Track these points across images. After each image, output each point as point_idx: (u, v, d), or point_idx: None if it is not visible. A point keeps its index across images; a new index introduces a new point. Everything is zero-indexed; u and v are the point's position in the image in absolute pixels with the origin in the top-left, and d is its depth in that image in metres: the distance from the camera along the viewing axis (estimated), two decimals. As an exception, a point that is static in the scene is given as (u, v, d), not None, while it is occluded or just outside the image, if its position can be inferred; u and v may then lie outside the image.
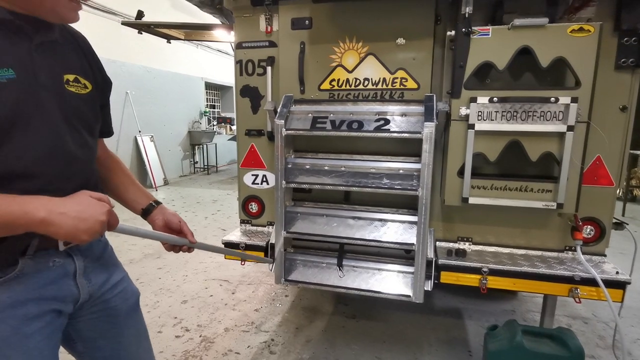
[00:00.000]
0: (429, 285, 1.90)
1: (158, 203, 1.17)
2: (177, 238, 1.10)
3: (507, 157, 1.78)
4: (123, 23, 2.60)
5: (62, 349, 0.99)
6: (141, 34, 2.74)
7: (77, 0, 0.87)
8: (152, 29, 2.64)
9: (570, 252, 1.90)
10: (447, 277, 1.87)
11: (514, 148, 1.74)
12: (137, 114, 7.15)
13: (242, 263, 2.12)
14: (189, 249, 1.14)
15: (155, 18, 7.17)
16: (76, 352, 1.08)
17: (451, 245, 2.04)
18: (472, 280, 1.84)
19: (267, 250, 2.11)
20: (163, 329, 2.59)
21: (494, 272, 1.80)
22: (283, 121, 1.92)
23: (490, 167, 1.86)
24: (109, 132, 1.15)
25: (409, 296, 1.91)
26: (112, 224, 0.85)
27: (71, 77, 0.93)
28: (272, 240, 2.08)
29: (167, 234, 1.09)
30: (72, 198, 0.81)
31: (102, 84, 1.06)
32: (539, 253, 1.94)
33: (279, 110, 1.99)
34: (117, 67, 6.65)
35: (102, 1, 6.20)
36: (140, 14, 2.58)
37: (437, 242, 2.06)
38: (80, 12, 0.89)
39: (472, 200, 1.81)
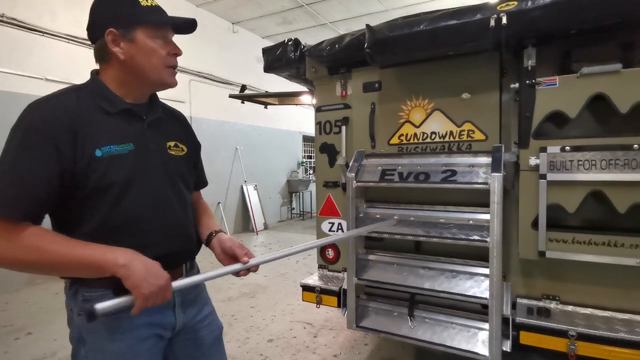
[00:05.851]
0: (507, 346, 1.78)
1: (217, 232, 1.27)
2: (225, 270, 1.12)
3: (591, 208, 1.65)
4: (230, 96, 3.18)
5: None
6: (243, 103, 3.30)
7: (174, 66, 1.13)
8: (252, 99, 3.17)
9: (687, 321, 1.60)
10: (527, 338, 1.73)
11: (598, 198, 1.61)
12: (244, 166, 8.13)
13: (318, 306, 2.26)
14: (249, 269, 1.16)
15: (261, 83, 8.10)
16: None
17: (534, 302, 1.89)
18: (557, 344, 1.67)
19: (340, 296, 2.23)
20: (250, 364, 2.82)
21: (583, 337, 1.62)
22: (353, 174, 2.10)
23: (571, 219, 1.73)
24: (203, 183, 1.42)
25: (485, 356, 1.80)
26: (167, 291, 0.98)
27: (172, 143, 1.21)
28: (345, 286, 2.19)
29: (213, 272, 1.09)
30: (146, 261, 0.97)
31: (194, 146, 1.35)
32: (647, 319, 1.68)
33: (350, 164, 2.18)
34: (229, 127, 7.78)
35: (219, 74, 7.48)
36: (243, 88, 3.14)
37: (519, 299, 1.93)
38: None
39: (549, 255, 1.69)
